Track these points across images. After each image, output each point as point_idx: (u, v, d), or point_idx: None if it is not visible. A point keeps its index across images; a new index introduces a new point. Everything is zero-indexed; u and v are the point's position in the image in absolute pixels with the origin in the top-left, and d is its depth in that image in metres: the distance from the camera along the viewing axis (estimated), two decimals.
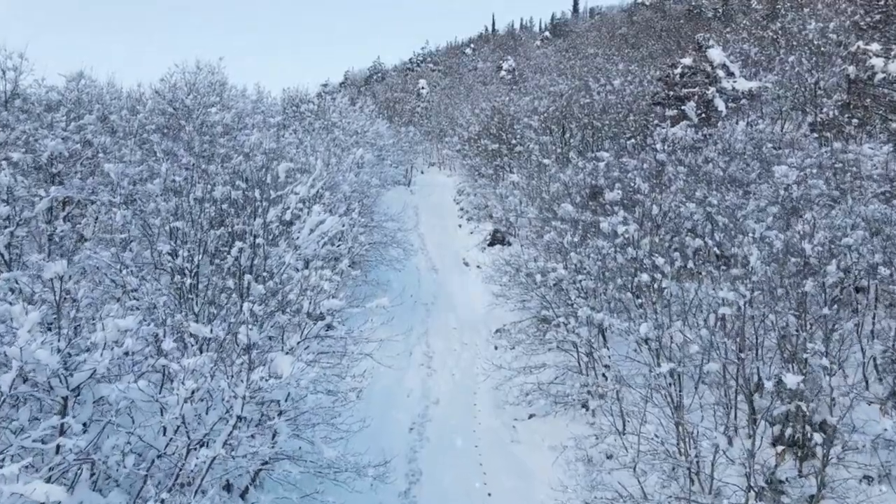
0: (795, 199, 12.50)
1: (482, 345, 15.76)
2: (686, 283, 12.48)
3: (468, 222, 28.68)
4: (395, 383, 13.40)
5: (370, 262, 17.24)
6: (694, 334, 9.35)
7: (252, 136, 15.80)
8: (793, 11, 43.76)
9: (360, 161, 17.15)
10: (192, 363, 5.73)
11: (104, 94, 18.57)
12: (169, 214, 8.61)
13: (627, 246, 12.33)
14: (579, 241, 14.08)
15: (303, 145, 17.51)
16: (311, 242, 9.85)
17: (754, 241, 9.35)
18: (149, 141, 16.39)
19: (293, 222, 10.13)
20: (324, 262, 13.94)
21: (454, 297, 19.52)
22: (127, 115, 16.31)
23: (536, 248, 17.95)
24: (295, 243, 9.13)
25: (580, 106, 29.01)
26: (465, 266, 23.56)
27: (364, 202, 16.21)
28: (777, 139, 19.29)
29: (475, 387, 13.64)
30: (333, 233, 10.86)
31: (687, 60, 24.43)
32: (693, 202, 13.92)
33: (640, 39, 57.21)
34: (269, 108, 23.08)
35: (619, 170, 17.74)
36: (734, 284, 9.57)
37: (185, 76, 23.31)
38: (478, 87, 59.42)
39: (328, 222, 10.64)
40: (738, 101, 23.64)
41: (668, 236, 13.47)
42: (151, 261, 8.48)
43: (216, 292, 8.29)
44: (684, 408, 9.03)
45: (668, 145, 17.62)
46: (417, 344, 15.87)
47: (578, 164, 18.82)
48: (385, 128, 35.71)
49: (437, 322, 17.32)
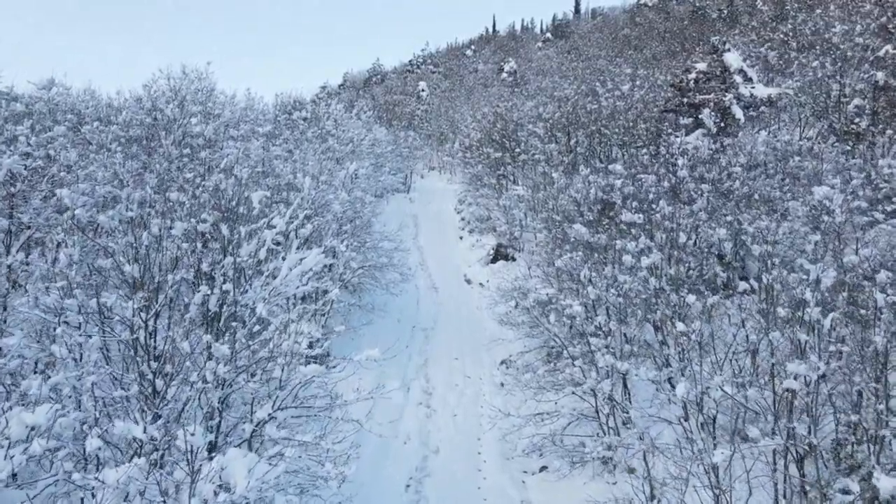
0: (839, 224, 11.16)
1: (486, 379, 14.40)
2: (716, 318, 11.14)
3: (470, 234, 27.33)
4: (391, 428, 12.05)
5: (365, 284, 15.89)
6: (738, 392, 8.00)
7: (233, 151, 14.47)
8: (803, 12, 42.45)
9: (354, 176, 15.80)
10: (117, 475, 4.40)
11: (77, 104, 17.23)
12: (120, 254, 7.28)
13: (651, 277, 11.00)
14: (593, 267, 12.76)
15: (292, 158, 16.16)
16: (291, 282, 8.50)
17: (808, 285, 7.99)
18: (123, 154, 15.06)
19: (270, 258, 8.79)
20: (305, 300, 12.61)
21: (455, 321, 18.17)
22: (99, 127, 14.97)
23: (543, 270, 16.62)
24: (265, 293, 7.79)
25: (587, 112, 27.69)
26: (467, 284, 22.21)
27: (357, 222, 14.84)
28: (803, 150, 17.95)
29: (479, 431, 12.28)
30: (319, 268, 9.51)
31: (702, 65, 23.07)
32: (721, 226, 12.58)
33: (644, 41, 56.08)
34: (258, 117, 21.72)
35: (632, 182, 16.43)
36: (784, 328, 8.24)
37: (169, 82, 22.05)
38: (479, 90, 58.23)
39: (311, 256, 9.30)
40: (757, 109, 22.32)
41: (695, 265, 12.15)
42: (98, 310, 7.13)
43: (171, 350, 6.94)
44: (721, 472, 7.68)
45: (687, 158, 16.27)
46: (416, 377, 14.52)
47: (589, 178, 17.47)
48: (383, 134, 34.36)
49: (437, 351, 15.96)
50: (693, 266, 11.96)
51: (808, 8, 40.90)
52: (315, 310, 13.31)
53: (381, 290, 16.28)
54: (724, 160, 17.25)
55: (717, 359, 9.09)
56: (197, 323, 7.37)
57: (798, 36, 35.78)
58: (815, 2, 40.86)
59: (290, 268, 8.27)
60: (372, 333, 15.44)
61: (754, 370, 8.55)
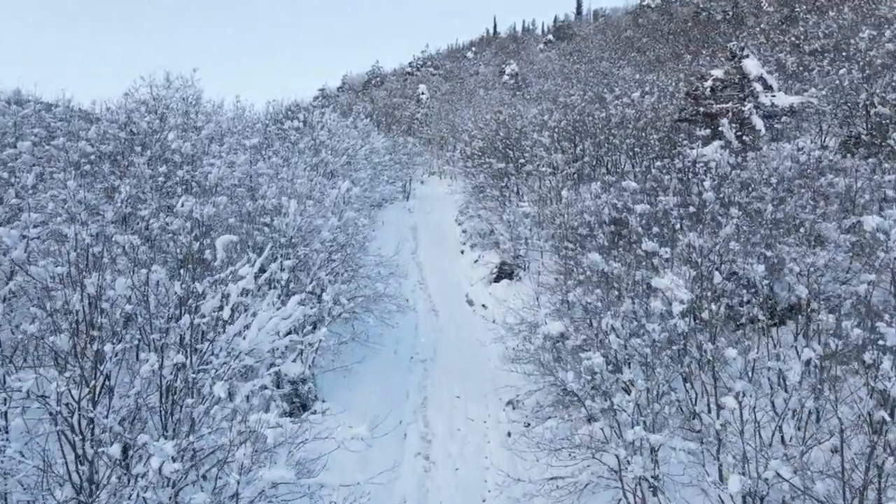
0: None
1: (492, 424, 13.04)
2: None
3: (471, 249, 25.97)
4: (384, 488, 10.68)
5: (358, 313, 14.53)
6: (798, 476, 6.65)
7: (214, 171, 13.10)
8: (814, 14, 41.02)
9: (347, 196, 14.43)
10: None
11: (47, 116, 15.87)
12: (47, 318, 5.93)
13: (680, 320, 9.63)
14: (612, 302, 11.41)
15: (279, 176, 14.79)
16: (262, 342, 7.15)
17: (885, 353, 6.64)
18: (90, 175, 13.72)
19: (238, 312, 7.43)
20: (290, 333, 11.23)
21: (456, 350, 16.80)
22: (66, 143, 13.62)
23: (553, 301, 15.27)
24: (230, 361, 6.43)
25: (594, 119, 26.35)
26: (469, 305, 20.86)
27: (349, 250, 13.47)
28: (832, 165, 16.58)
29: (483, 489, 10.93)
30: (301, 321, 8.17)
31: (718, 72, 21.71)
32: (752, 256, 11.19)
33: (647, 43, 54.89)
34: (246, 129, 20.34)
35: (648, 200, 15.08)
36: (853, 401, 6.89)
37: (152, 91, 20.70)
38: (480, 93, 56.99)
39: (290, 304, 7.95)
40: (779, 119, 20.96)
41: (726, 302, 10.78)
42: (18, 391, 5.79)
43: (111, 438, 5.60)
44: None
45: (711, 176, 14.92)
46: (413, 421, 13.15)
47: (601, 197, 16.12)
48: (381, 142, 32.95)
49: (437, 388, 14.60)
50: (727, 305, 10.60)
51: (818, 10, 39.54)
52: (300, 349, 11.97)
53: (375, 319, 14.92)
54: (746, 175, 15.91)
55: (763, 429, 7.74)
56: (144, 403, 6.03)
57: (810, 39, 34.41)
58: (827, 4, 39.50)
59: (260, 327, 6.92)
60: (366, 370, 14.08)
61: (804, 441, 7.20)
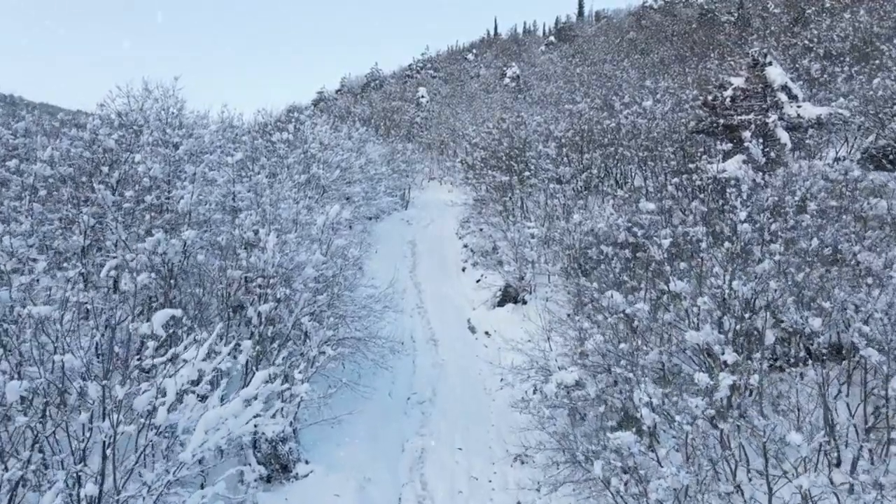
0: None
1: (498, 485, 11.51)
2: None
3: (473, 268, 24.45)
4: None
5: (348, 356, 13.03)
6: None
7: (186, 197, 11.60)
8: (826, 16, 39.56)
9: (335, 223, 12.93)
10: None
11: (4, 133, 14.35)
12: None
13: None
14: (636, 353, 9.93)
15: (261, 200, 13.29)
16: (210, 445, 5.64)
17: None
18: (50, 200, 12.24)
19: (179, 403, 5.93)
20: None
21: (458, 389, 15.28)
22: (17, 166, 12.11)
23: (562, 324, 13.81)
24: (169, 474, 4.93)
25: (602, 129, 24.86)
26: (472, 332, 19.35)
27: (335, 290, 11.94)
28: (869, 187, 15.08)
29: None
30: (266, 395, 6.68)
31: (738, 80, 20.20)
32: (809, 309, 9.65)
33: (651, 45, 53.63)
34: (230, 143, 18.82)
35: (669, 225, 13.60)
36: None
37: (129, 101, 19.22)
38: (481, 96, 55.61)
39: (256, 381, 6.45)
40: (804, 131, 19.44)
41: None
42: None
43: None
44: None
45: (743, 202, 13.39)
46: (409, 482, 11.62)
47: (618, 221, 14.62)
48: (378, 152, 31.41)
49: (435, 438, 13.07)
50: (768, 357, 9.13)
51: (829, 12, 38.08)
52: (281, 406, 10.45)
53: (369, 360, 13.42)
54: (776, 198, 14.40)
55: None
56: None
57: (823, 42, 32.95)
58: (839, 5, 38.06)
59: (206, 429, 5.41)
60: (356, 420, 12.57)
61: None
